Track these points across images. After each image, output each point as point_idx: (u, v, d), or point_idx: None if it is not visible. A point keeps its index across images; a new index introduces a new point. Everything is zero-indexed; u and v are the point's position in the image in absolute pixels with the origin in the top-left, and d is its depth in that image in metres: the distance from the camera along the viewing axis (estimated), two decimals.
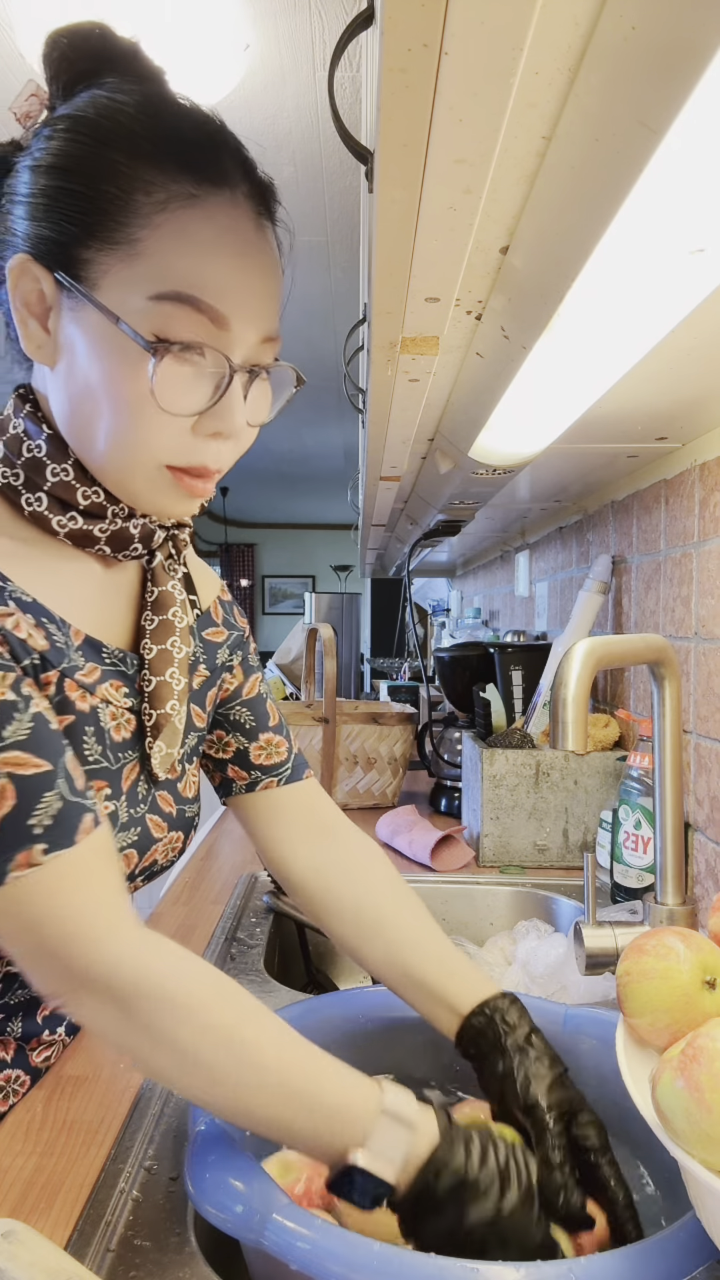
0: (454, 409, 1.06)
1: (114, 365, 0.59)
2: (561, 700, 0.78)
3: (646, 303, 0.62)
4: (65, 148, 0.59)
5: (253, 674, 0.86)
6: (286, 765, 0.85)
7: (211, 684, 0.81)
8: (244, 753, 0.84)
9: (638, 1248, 0.48)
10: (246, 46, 1.75)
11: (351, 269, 2.99)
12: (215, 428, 0.61)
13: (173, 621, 0.72)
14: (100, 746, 0.67)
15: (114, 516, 0.66)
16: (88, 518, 0.65)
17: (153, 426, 0.60)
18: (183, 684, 0.72)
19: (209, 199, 0.58)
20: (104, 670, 0.68)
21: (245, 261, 0.60)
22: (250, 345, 0.62)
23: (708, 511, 1.16)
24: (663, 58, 0.38)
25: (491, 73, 0.38)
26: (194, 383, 0.60)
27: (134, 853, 0.70)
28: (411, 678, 3.78)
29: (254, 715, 0.85)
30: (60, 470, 0.64)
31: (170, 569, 0.73)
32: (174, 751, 0.72)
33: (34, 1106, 0.72)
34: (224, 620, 0.84)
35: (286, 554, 9.71)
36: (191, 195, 0.58)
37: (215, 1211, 0.50)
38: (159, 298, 0.58)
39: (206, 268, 0.58)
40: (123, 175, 0.57)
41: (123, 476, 0.63)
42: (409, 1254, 0.48)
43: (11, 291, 0.61)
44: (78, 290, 0.59)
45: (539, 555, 2.21)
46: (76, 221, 0.58)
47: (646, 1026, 0.55)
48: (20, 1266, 0.46)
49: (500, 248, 0.63)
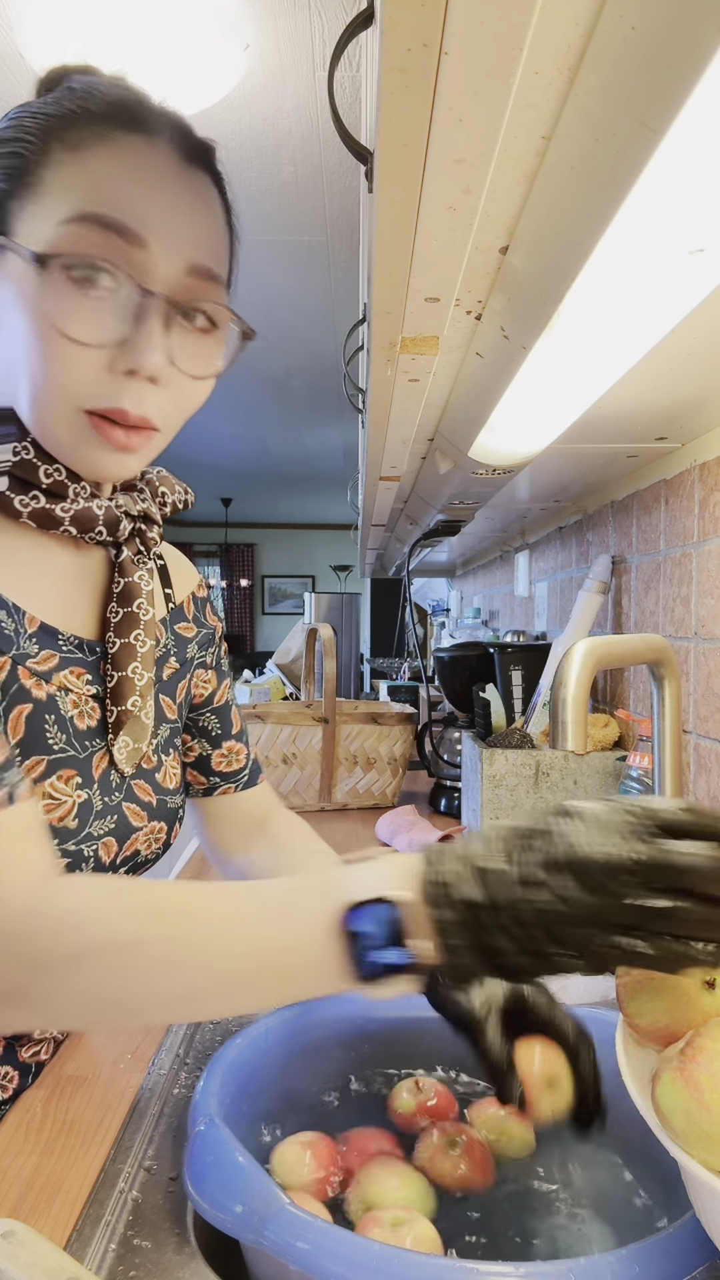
0: (454, 409, 1.06)
1: (29, 304, 0.57)
2: (561, 700, 0.78)
3: (646, 303, 0.62)
4: (4, 127, 0.61)
5: (224, 679, 0.87)
6: (244, 772, 0.87)
7: (182, 675, 0.81)
8: (206, 759, 0.85)
9: (638, 1248, 0.48)
10: (246, 46, 1.75)
11: (351, 269, 2.99)
12: (131, 364, 0.58)
13: (138, 614, 0.71)
14: (64, 735, 0.66)
15: (75, 495, 0.64)
16: (50, 497, 0.64)
17: (64, 362, 0.57)
18: (146, 679, 0.71)
19: (121, 139, 0.58)
20: (62, 657, 0.66)
21: (161, 191, 0.58)
22: (174, 277, 0.59)
23: (707, 511, 1.16)
24: (662, 58, 0.38)
25: (491, 72, 0.38)
26: (105, 312, 0.57)
27: (112, 841, 0.70)
28: (411, 678, 3.78)
29: (220, 723, 0.86)
30: (21, 449, 0.62)
31: (138, 561, 0.72)
32: (141, 746, 0.71)
33: (33, 1106, 0.72)
34: (194, 617, 0.83)
35: (286, 554, 9.71)
36: (104, 135, 0.58)
37: (215, 1211, 0.50)
38: (66, 221, 0.56)
39: (115, 191, 0.57)
40: (42, 130, 0.59)
41: (46, 425, 0.61)
42: (409, 1254, 0.48)
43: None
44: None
45: (539, 555, 2.21)
46: (2, 181, 0.59)
47: (646, 1026, 0.55)
48: (20, 1267, 0.46)
49: (500, 248, 0.63)
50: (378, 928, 0.44)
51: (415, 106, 0.40)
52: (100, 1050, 0.80)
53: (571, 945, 0.42)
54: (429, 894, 0.44)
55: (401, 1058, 0.77)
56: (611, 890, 0.41)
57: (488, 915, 0.42)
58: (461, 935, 0.43)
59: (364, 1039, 0.75)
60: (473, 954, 0.43)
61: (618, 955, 0.42)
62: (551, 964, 0.43)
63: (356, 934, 0.44)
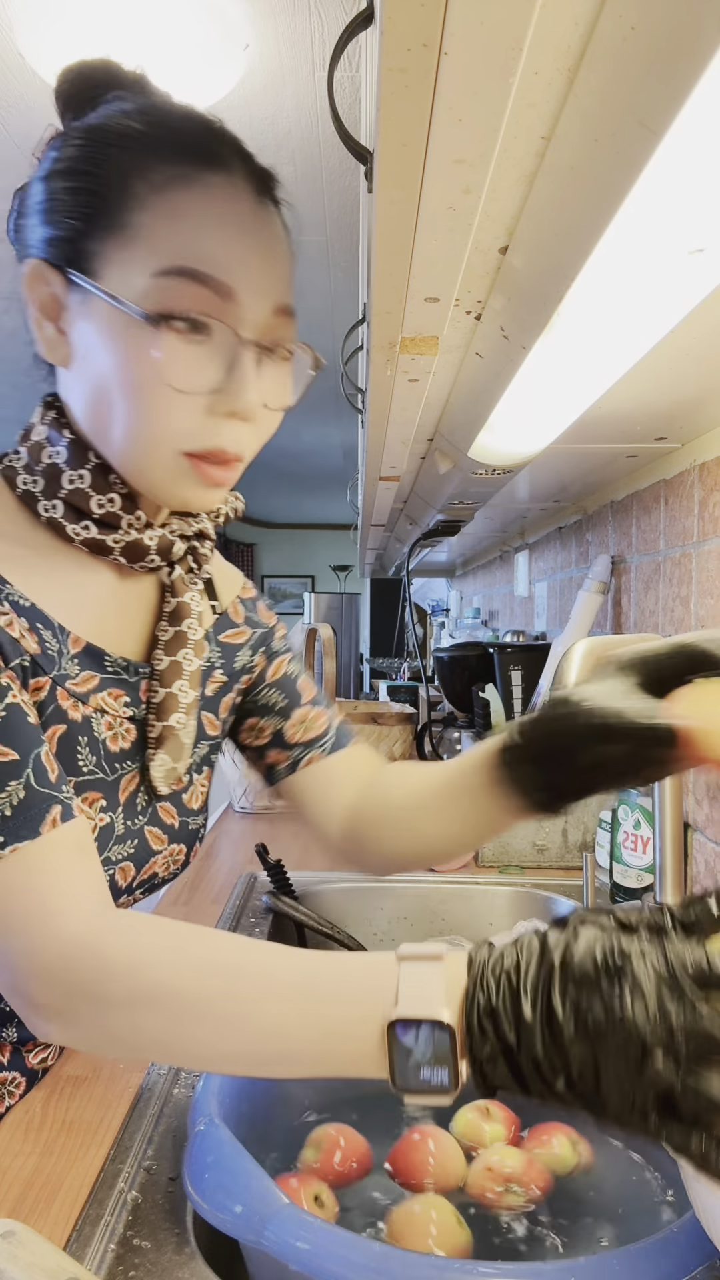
0: (453, 409, 1.06)
1: (123, 350, 0.59)
2: None
3: (646, 303, 0.62)
4: (69, 153, 0.61)
5: (277, 658, 0.84)
6: (328, 736, 0.83)
7: (227, 690, 0.80)
8: (280, 734, 0.82)
9: (637, 1248, 0.48)
10: (246, 46, 1.75)
11: (350, 269, 2.99)
12: (230, 406, 0.60)
13: (187, 633, 0.71)
14: (94, 757, 0.66)
15: (128, 527, 0.65)
16: (101, 526, 0.65)
17: (166, 409, 0.59)
18: (191, 697, 0.71)
19: (205, 178, 0.59)
20: (103, 679, 0.67)
21: (244, 235, 0.59)
22: (261, 319, 0.61)
23: (707, 512, 1.16)
24: (662, 58, 0.38)
25: (491, 73, 0.38)
26: (205, 361, 0.59)
27: (130, 865, 0.69)
28: (411, 678, 3.78)
29: (284, 695, 0.83)
30: (76, 477, 0.64)
31: (190, 581, 0.72)
32: (178, 766, 0.71)
33: (33, 1106, 0.72)
34: (246, 619, 0.82)
35: (286, 554, 9.70)
36: (186, 175, 0.58)
37: (215, 1211, 0.50)
38: (160, 274, 0.57)
39: (204, 241, 0.58)
40: (121, 166, 0.59)
41: (142, 467, 0.63)
42: (408, 1254, 0.48)
43: (28, 297, 0.63)
44: (84, 282, 0.59)
45: (538, 555, 2.21)
46: (80, 216, 0.59)
47: None
48: (19, 1267, 0.46)
49: (500, 248, 0.63)
50: (424, 1048, 0.43)
51: (415, 106, 0.40)
52: None
53: (608, 1112, 0.39)
54: (470, 1024, 0.43)
55: None
56: (655, 1074, 0.37)
57: (526, 1062, 0.41)
58: (496, 1073, 0.42)
59: None
60: (508, 1084, 0.43)
61: (657, 1133, 0.38)
62: None
63: (402, 1046, 0.44)
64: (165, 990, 0.49)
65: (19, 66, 1.81)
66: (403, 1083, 0.44)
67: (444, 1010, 0.43)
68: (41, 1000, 0.52)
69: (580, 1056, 0.39)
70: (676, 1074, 0.37)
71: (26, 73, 1.83)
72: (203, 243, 0.58)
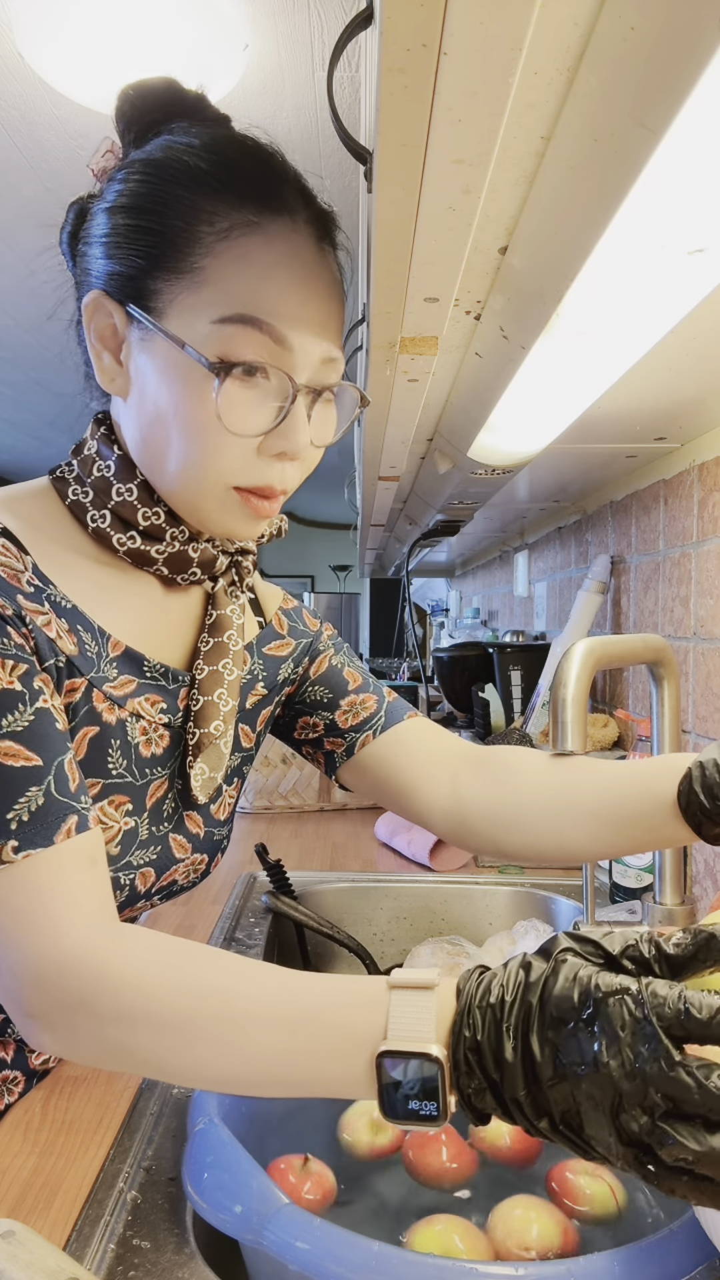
0: (453, 409, 1.06)
1: (182, 390, 0.61)
2: (561, 700, 0.78)
3: (645, 303, 0.62)
4: (135, 188, 0.62)
5: (319, 656, 0.86)
6: (379, 714, 0.84)
7: (267, 702, 0.81)
8: (332, 724, 0.84)
9: (636, 1248, 0.48)
10: (245, 46, 1.75)
11: (350, 269, 2.99)
12: (281, 448, 0.63)
13: (227, 644, 0.73)
14: (125, 760, 0.67)
15: (172, 539, 0.68)
16: (146, 538, 0.67)
17: (220, 448, 0.62)
18: (230, 705, 0.72)
19: (269, 225, 0.60)
20: (141, 683, 0.68)
21: (306, 284, 0.61)
22: (313, 366, 0.63)
23: (706, 512, 1.16)
24: (661, 58, 0.38)
25: (490, 73, 0.38)
26: (259, 404, 0.61)
27: (151, 871, 0.70)
28: (410, 678, 3.78)
29: (329, 688, 0.85)
30: (124, 490, 0.66)
31: (232, 594, 0.75)
32: (216, 777, 0.71)
33: (33, 1106, 0.72)
34: (290, 629, 0.84)
35: (285, 554, 9.70)
36: (252, 223, 0.60)
37: (214, 1211, 0.50)
38: (222, 321, 0.59)
39: (267, 290, 0.60)
40: (187, 208, 0.60)
41: (193, 499, 0.65)
42: (408, 1254, 0.48)
43: (86, 327, 0.65)
44: (146, 320, 0.61)
45: (538, 555, 2.21)
46: (145, 255, 0.61)
47: None
48: (19, 1267, 0.46)
49: (499, 248, 0.63)
50: (413, 1080, 0.44)
51: (414, 107, 0.40)
52: None
53: (595, 1152, 0.40)
54: (457, 1060, 0.43)
55: None
56: (630, 1123, 0.38)
57: (510, 1099, 0.42)
58: (485, 1105, 0.43)
59: None
60: (497, 1114, 0.43)
61: (644, 1177, 0.38)
62: None
63: (391, 1079, 0.44)
64: (160, 1010, 0.50)
65: (18, 66, 1.81)
66: (390, 1112, 0.44)
67: (432, 1045, 0.43)
68: (37, 1009, 0.52)
69: (560, 1099, 0.40)
70: (652, 1125, 0.37)
71: (26, 72, 1.83)
72: (266, 292, 0.60)
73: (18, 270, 2.84)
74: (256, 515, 0.66)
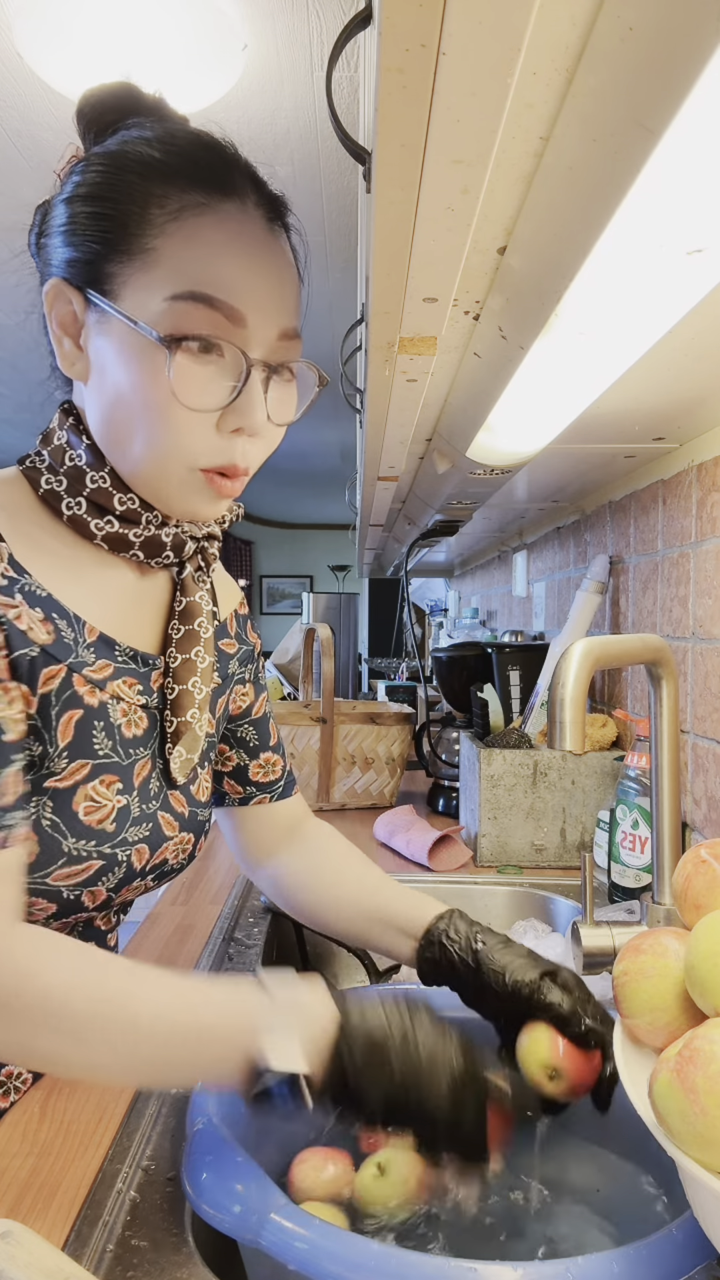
0: (452, 409, 1.06)
1: (138, 370, 0.62)
2: (559, 700, 0.78)
3: (644, 303, 0.62)
4: (90, 178, 0.63)
5: (262, 693, 0.91)
6: (279, 783, 0.90)
7: (222, 691, 0.84)
8: (244, 769, 0.88)
9: (636, 1248, 0.48)
10: (244, 46, 1.75)
11: (349, 269, 2.99)
12: (238, 424, 0.64)
13: (198, 632, 0.75)
14: (110, 741, 0.69)
15: (147, 523, 0.69)
16: (123, 522, 0.68)
17: (180, 427, 0.63)
18: (205, 692, 0.75)
19: (219, 206, 0.62)
20: (116, 667, 0.70)
21: (256, 261, 0.62)
22: (268, 342, 0.64)
23: (705, 512, 1.16)
24: (660, 58, 0.38)
25: (489, 73, 0.38)
26: (213, 380, 0.62)
27: (145, 848, 0.72)
28: (409, 678, 3.78)
29: (258, 735, 0.89)
30: (99, 478, 0.67)
31: (199, 580, 0.76)
32: (193, 758, 0.75)
33: (31, 1107, 0.72)
34: (236, 634, 0.87)
35: (284, 554, 9.70)
36: (202, 204, 0.61)
37: (213, 1211, 0.50)
38: (174, 298, 0.60)
39: (218, 267, 0.61)
40: (139, 193, 0.61)
41: (156, 481, 0.66)
42: (408, 1254, 0.48)
43: (48, 314, 0.66)
44: (102, 302, 0.62)
45: (536, 555, 2.21)
46: (100, 240, 0.62)
47: (644, 1026, 0.55)
48: (18, 1267, 0.46)
49: (498, 248, 0.63)
50: (280, 1088, 0.54)
51: (413, 107, 0.40)
52: None
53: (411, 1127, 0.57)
54: (323, 1080, 0.55)
55: None
56: None
57: (356, 1105, 0.56)
58: (337, 1105, 0.56)
59: None
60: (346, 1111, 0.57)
61: None
62: None
63: (263, 1087, 0.55)
64: (60, 1008, 0.55)
65: (18, 66, 1.81)
66: (254, 1108, 0.55)
67: (299, 1063, 0.54)
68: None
69: (408, 1108, 0.56)
70: None
71: (25, 72, 1.83)
72: (215, 269, 0.61)
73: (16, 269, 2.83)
74: (219, 494, 0.67)
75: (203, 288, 0.60)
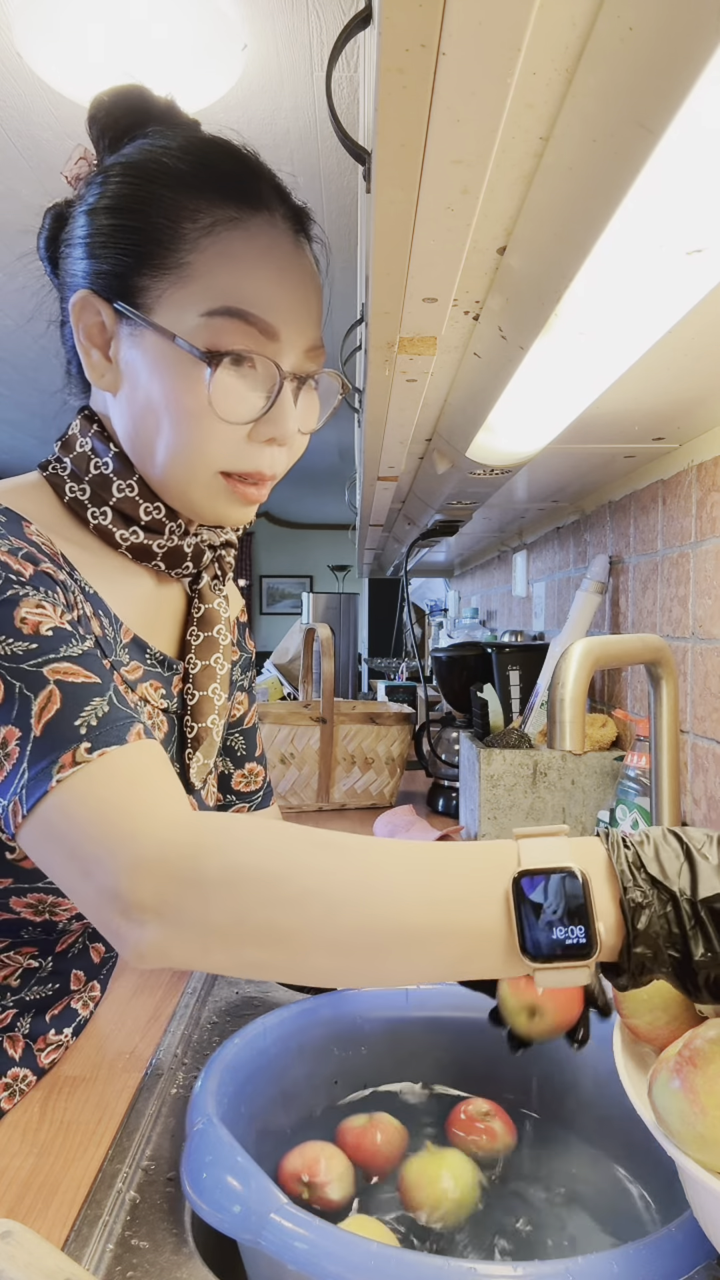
0: (451, 409, 1.06)
1: (173, 381, 0.63)
2: (559, 700, 0.78)
3: (644, 303, 0.62)
4: (117, 190, 0.64)
5: (254, 703, 0.92)
6: (259, 794, 0.92)
7: (227, 698, 0.85)
8: (227, 777, 0.89)
9: (635, 1248, 0.48)
10: (244, 46, 1.75)
11: (349, 269, 2.99)
12: (269, 434, 0.65)
13: (216, 639, 0.77)
14: None
15: (170, 533, 0.70)
16: (148, 532, 0.70)
17: (211, 435, 0.64)
18: (223, 699, 0.76)
19: (249, 221, 0.63)
20: (145, 670, 0.72)
21: (287, 276, 0.64)
22: (298, 354, 0.66)
23: (704, 512, 1.16)
24: (660, 58, 0.38)
25: (489, 73, 0.38)
26: (248, 392, 0.64)
27: None
28: (409, 678, 3.78)
29: (246, 745, 0.90)
30: (125, 486, 0.68)
31: (216, 588, 0.78)
32: (209, 763, 0.76)
33: (31, 1107, 0.72)
34: (236, 641, 0.88)
35: (284, 554, 9.70)
36: (233, 219, 0.62)
37: (213, 1211, 0.50)
38: (210, 314, 0.61)
39: (252, 283, 0.62)
40: (170, 207, 0.62)
41: (183, 486, 0.67)
42: (407, 1253, 0.48)
43: (75, 325, 0.66)
44: (136, 316, 0.63)
45: (536, 555, 2.21)
46: (131, 253, 0.63)
47: (644, 1027, 0.55)
48: (17, 1267, 0.46)
49: (498, 248, 0.63)
50: (555, 900, 0.41)
51: (413, 107, 0.40)
52: (98, 1051, 0.80)
53: None
54: (619, 870, 0.41)
55: (398, 1058, 0.77)
56: None
57: (686, 904, 0.40)
58: (651, 921, 0.40)
59: (361, 1039, 0.75)
60: (660, 945, 0.40)
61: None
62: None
63: (531, 902, 0.41)
64: (269, 863, 0.46)
65: (17, 66, 1.81)
66: (534, 946, 0.40)
67: (575, 861, 0.41)
68: (138, 895, 0.47)
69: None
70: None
71: (25, 72, 1.82)
72: (250, 284, 0.62)
73: (16, 270, 2.83)
74: (245, 501, 0.68)
75: (239, 304, 0.61)
